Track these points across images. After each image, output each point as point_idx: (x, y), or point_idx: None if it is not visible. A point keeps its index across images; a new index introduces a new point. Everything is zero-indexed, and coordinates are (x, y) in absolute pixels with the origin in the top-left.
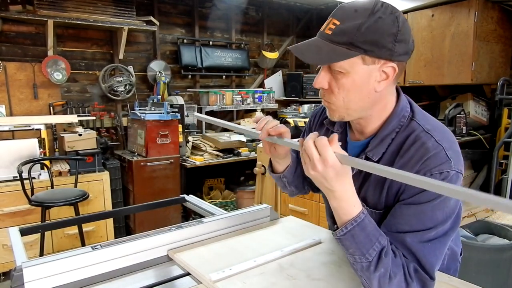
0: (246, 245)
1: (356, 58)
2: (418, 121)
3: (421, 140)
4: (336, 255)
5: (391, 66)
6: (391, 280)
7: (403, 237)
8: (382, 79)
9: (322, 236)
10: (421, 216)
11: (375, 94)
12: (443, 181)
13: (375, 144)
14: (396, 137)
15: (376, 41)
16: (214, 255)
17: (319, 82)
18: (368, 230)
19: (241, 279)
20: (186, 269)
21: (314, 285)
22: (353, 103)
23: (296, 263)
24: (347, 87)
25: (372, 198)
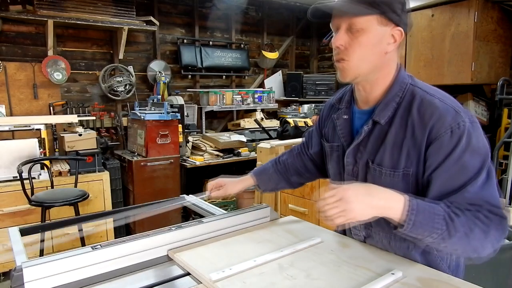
0: (246, 245)
1: (373, 17)
2: (420, 87)
3: (427, 100)
4: (335, 255)
5: (399, 30)
6: (472, 233)
7: (462, 194)
8: (391, 41)
9: (322, 236)
10: (464, 169)
11: (384, 56)
12: (463, 134)
13: (380, 109)
14: (402, 102)
15: (390, 4)
16: (214, 255)
17: (339, 40)
18: (424, 209)
19: (241, 279)
20: (186, 269)
21: (313, 285)
22: (366, 61)
23: (296, 263)
24: (363, 44)
25: (390, 160)
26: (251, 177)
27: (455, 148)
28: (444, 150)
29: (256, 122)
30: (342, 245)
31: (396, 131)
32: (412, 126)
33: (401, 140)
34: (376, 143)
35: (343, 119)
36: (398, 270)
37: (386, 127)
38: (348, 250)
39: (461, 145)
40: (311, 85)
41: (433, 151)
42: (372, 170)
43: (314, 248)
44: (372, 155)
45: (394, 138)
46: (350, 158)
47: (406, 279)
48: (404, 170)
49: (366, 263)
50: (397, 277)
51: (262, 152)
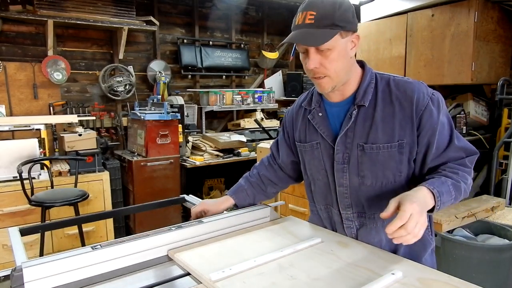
0: (246, 245)
1: (337, 35)
2: (386, 74)
3: (401, 80)
4: (335, 255)
5: (356, 35)
6: (466, 183)
7: (451, 151)
8: (353, 46)
9: (322, 236)
10: (444, 124)
11: (350, 59)
12: (438, 102)
13: (361, 94)
14: (378, 87)
15: (346, 18)
16: (214, 255)
17: (312, 63)
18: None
19: (241, 279)
20: (186, 269)
21: (313, 285)
22: (341, 71)
23: (296, 263)
24: (335, 59)
25: (384, 135)
26: (230, 197)
27: (438, 112)
28: (434, 115)
29: (256, 122)
30: (342, 245)
31: (383, 110)
32: (398, 100)
33: (391, 114)
34: (364, 125)
35: (319, 117)
36: (398, 270)
37: (370, 110)
38: (348, 250)
39: (442, 109)
40: (311, 85)
41: (425, 119)
42: (368, 149)
43: (314, 248)
44: (363, 137)
45: (382, 116)
46: (340, 146)
47: (406, 279)
48: (399, 141)
49: (366, 263)
50: (397, 277)
51: (262, 152)
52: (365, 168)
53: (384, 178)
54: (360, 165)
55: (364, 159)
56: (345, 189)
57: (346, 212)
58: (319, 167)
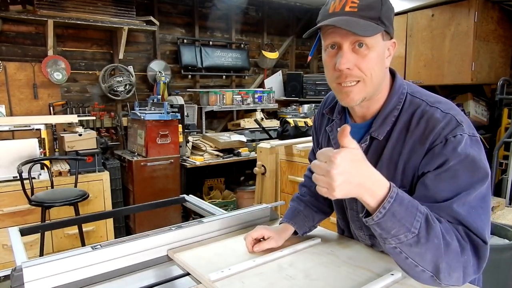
0: (245, 245)
1: (379, 34)
2: (419, 97)
3: (428, 113)
4: (335, 255)
5: (393, 41)
6: (448, 248)
7: (445, 206)
8: (388, 55)
9: (321, 236)
10: (455, 179)
11: (385, 70)
12: (458, 144)
13: (378, 123)
14: (401, 115)
15: (390, 18)
16: (214, 255)
17: (346, 62)
18: (405, 202)
19: (240, 279)
20: (185, 269)
21: (312, 285)
22: (377, 77)
23: (295, 263)
24: (373, 61)
25: (387, 177)
26: (287, 224)
27: (448, 156)
28: (437, 158)
29: (256, 122)
30: (342, 245)
31: (393, 146)
32: (411, 140)
33: (397, 155)
34: (373, 159)
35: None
36: (397, 271)
37: (383, 142)
38: (347, 251)
39: (456, 154)
40: (311, 85)
41: (425, 161)
42: None
43: (314, 248)
44: None
45: (390, 154)
46: None
47: (405, 280)
48: (401, 188)
49: (366, 263)
50: (396, 277)
51: (262, 152)
52: None
53: None
54: None
55: None
56: (355, 213)
57: (358, 232)
58: None
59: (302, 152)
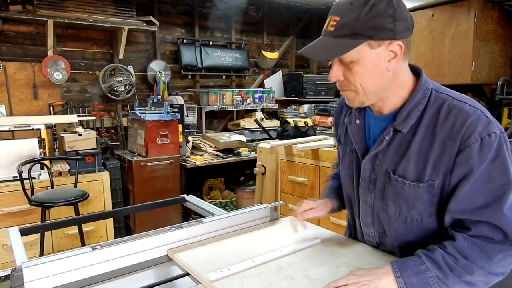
0: (245, 245)
1: (362, 46)
2: (445, 93)
3: (456, 107)
4: (334, 255)
5: (397, 44)
6: (473, 275)
7: (481, 212)
8: (391, 57)
9: (321, 236)
10: (489, 179)
11: (388, 73)
12: (493, 144)
13: (403, 117)
14: (427, 110)
15: (376, 26)
16: (213, 255)
17: (334, 76)
18: (415, 281)
19: (239, 279)
20: (185, 269)
21: (312, 285)
22: (369, 86)
23: (294, 263)
24: (360, 73)
25: (415, 171)
26: (329, 200)
27: (483, 159)
28: (472, 161)
29: (256, 122)
30: (341, 245)
31: (421, 140)
32: (441, 134)
33: (427, 150)
34: (397, 153)
35: (355, 125)
36: None
37: (409, 136)
38: (347, 251)
39: (490, 156)
40: (311, 85)
41: (461, 160)
42: (394, 181)
43: (313, 248)
44: (392, 165)
45: (419, 148)
46: (368, 165)
47: None
48: (429, 181)
49: (365, 263)
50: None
51: (262, 152)
52: (389, 197)
53: (409, 215)
54: (385, 192)
55: (389, 189)
56: (368, 207)
57: (367, 229)
58: (348, 174)
59: (302, 152)
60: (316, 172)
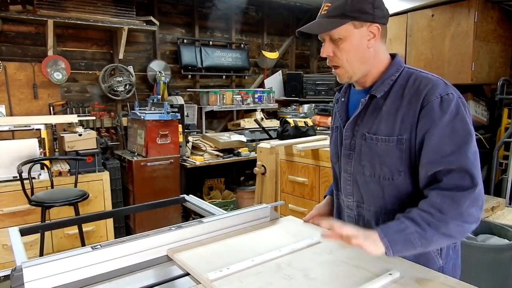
0: (245, 245)
1: (348, 25)
2: (415, 69)
3: (421, 76)
4: (333, 255)
5: (376, 26)
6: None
7: (449, 160)
8: (371, 37)
9: (320, 236)
10: (453, 130)
11: (368, 50)
12: (451, 102)
13: (378, 84)
14: (398, 80)
15: (360, 9)
16: (213, 254)
17: (325, 51)
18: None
19: (238, 278)
20: (185, 268)
21: (311, 284)
22: (354, 61)
23: (294, 262)
24: (347, 49)
25: (385, 128)
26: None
27: (444, 113)
28: (434, 114)
29: (256, 122)
30: (340, 245)
31: (392, 102)
32: (409, 94)
33: (396, 108)
34: (372, 116)
35: (341, 102)
36: (395, 271)
37: (381, 100)
38: (346, 250)
39: (450, 110)
40: (311, 85)
41: (424, 114)
42: (369, 139)
43: (313, 248)
44: (368, 128)
45: (389, 108)
46: (348, 132)
47: (404, 280)
48: (398, 136)
49: (364, 263)
50: (394, 277)
51: (262, 152)
52: (364, 157)
53: (382, 172)
54: (362, 154)
55: (365, 149)
56: (348, 176)
57: (347, 199)
58: (335, 151)
59: (302, 152)
60: (316, 172)
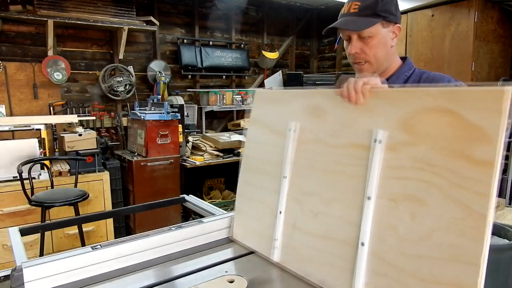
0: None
1: (378, 24)
2: (425, 70)
3: (434, 73)
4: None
5: (398, 26)
6: None
7: None
8: (393, 37)
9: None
10: None
11: (391, 49)
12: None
13: (394, 79)
14: (411, 77)
15: (389, 10)
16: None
17: (354, 48)
18: None
19: (296, 238)
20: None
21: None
22: (381, 57)
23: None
24: (376, 46)
25: None
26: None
27: None
28: None
29: None
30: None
31: None
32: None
33: None
34: None
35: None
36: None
37: None
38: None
39: None
40: (311, 85)
41: None
42: None
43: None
44: None
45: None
46: None
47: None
48: None
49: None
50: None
51: None
52: None
53: None
54: None
55: None
56: None
57: None
58: None
59: None
60: None
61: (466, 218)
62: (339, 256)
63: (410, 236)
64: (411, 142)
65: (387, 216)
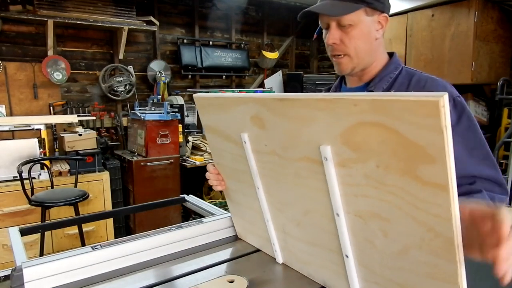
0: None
1: (361, 11)
2: (414, 69)
3: (427, 77)
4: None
5: (384, 16)
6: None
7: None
8: (379, 28)
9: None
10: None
11: (375, 41)
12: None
13: (376, 81)
14: (398, 79)
15: None
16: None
17: (332, 38)
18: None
19: (288, 241)
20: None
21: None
22: (362, 51)
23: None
24: (356, 37)
25: None
26: None
27: (462, 114)
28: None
29: None
30: None
31: None
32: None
33: None
34: None
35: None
36: None
37: None
38: None
39: (466, 112)
40: (311, 85)
41: None
42: None
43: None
44: None
45: None
46: None
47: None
48: None
49: None
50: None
51: None
52: None
53: None
54: None
55: None
56: None
57: None
58: None
59: None
60: None
61: (434, 239)
62: (331, 261)
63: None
64: (358, 159)
65: (361, 230)
